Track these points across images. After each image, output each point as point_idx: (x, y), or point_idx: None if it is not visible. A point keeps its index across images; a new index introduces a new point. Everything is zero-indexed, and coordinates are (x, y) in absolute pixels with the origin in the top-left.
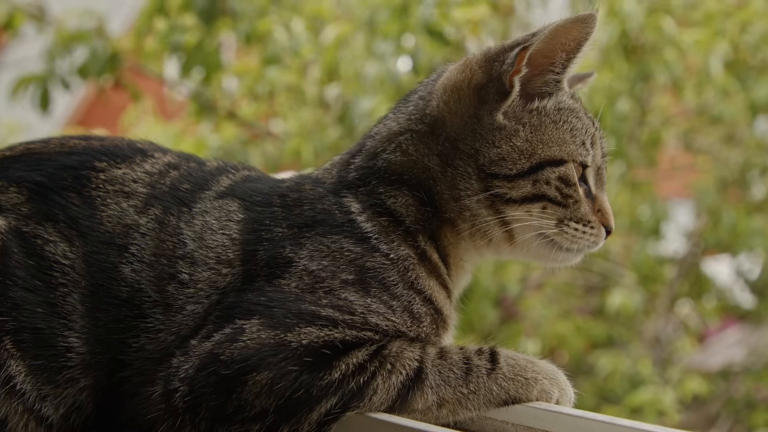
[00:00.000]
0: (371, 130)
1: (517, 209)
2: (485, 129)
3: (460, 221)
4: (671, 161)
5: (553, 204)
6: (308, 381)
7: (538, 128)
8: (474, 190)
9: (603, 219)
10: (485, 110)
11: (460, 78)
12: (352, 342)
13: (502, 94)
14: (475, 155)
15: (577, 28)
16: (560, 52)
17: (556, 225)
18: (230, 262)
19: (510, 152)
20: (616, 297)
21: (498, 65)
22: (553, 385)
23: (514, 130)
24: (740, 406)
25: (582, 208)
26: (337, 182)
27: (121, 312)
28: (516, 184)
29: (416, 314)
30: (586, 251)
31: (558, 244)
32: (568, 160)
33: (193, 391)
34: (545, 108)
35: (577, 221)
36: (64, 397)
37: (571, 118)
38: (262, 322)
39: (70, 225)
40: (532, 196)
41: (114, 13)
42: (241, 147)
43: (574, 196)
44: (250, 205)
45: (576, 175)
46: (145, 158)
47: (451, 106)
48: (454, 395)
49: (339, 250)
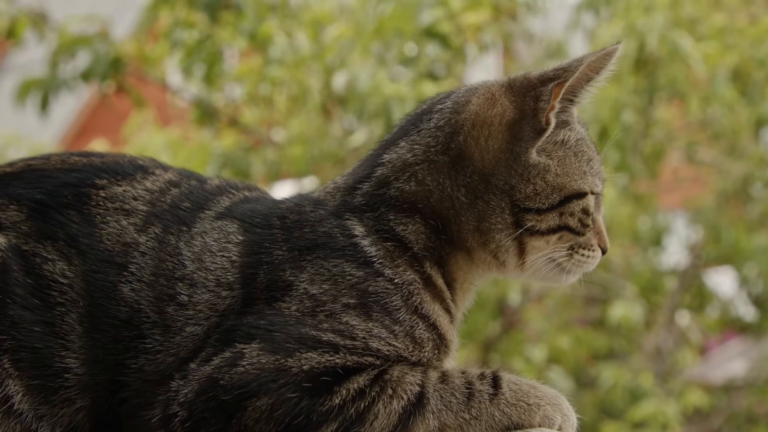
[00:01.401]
0: (381, 156)
1: (539, 240)
2: (521, 166)
3: (480, 250)
4: (673, 173)
5: (571, 233)
6: (308, 407)
7: (564, 161)
8: (506, 224)
9: (601, 241)
10: (521, 147)
11: (491, 114)
12: (353, 367)
13: (538, 131)
14: (509, 191)
15: (604, 61)
16: (584, 83)
17: (566, 251)
18: (230, 284)
19: (544, 188)
20: (617, 309)
21: (530, 101)
22: (556, 410)
23: (546, 165)
24: (742, 420)
25: (589, 234)
26: (340, 205)
27: (120, 332)
28: (545, 217)
29: (418, 339)
30: (586, 272)
31: (565, 269)
32: (588, 191)
33: (193, 416)
34: (570, 140)
35: (585, 247)
36: (60, 417)
37: (584, 148)
38: (262, 346)
39: (70, 243)
40: (557, 227)
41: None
42: (243, 154)
43: (590, 225)
44: (249, 227)
45: (593, 206)
46: (146, 175)
47: (482, 143)
48: (455, 420)
49: (341, 273)
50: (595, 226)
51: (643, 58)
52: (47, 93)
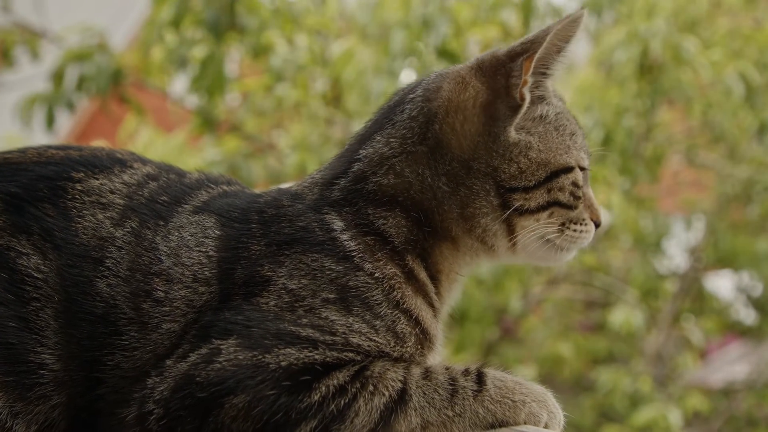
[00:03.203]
0: (357, 152)
1: (529, 218)
2: (501, 146)
3: (466, 237)
4: (674, 177)
5: (562, 208)
6: (287, 404)
7: (545, 136)
8: (493, 207)
9: (593, 214)
10: (498, 127)
11: (464, 98)
12: (333, 363)
13: (513, 108)
14: (492, 173)
15: (570, 28)
16: (554, 55)
17: (558, 228)
18: (207, 280)
19: (528, 165)
20: (618, 314)
21: (502, 79)
22: (542, 407)
23: (527, 142)
24: (742, 423)
25: (581, 208)
26: (318, 199)
27: (96, 328)
28: (532, 195)
29: (400, 334)
30: (581, 247)
31: (558, 246)
32: (575, 165)
33: (168, 413)
34: (548, 115)
35: (576, 222)
36: (35, 414)
37: (565, 122)
38: (239, 342)
39: (45, 237)
40: (546, 203)
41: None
42: (244, 160)
43: (581, 198)
44: (227, 222)
45: (582, 178)
46: (124, 169)
47: (457, 128)
48: (438, 418)
49: (320, 268)
50: (585, 199)
51: (647, 64)
52: (52, 109)
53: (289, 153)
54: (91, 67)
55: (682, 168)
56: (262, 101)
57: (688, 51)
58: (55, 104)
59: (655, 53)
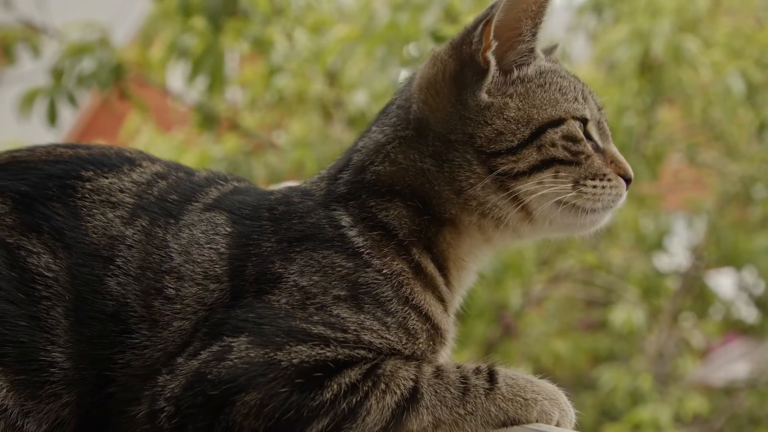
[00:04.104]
0: (356, 144)
1: (527, 181)
2: (473, 112)
3: (465, 215)
4: (674, 175)
5: (565, 165)
6: (298, 402)
7: (527, 95)
8: (478, 176)
9: (618, 169)
10: (468, 94)
11: (433, 72)
12: (345, 361)
13: (480, 73)
14: (469, 141)
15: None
16: (525, 20)
17: (572, 187)
18: (218, 277)
19: (506, 125)
20: (619, 313)
21: (467, 47)
22: (554, 405)
23: (503, 103)
24: (743, 421)
25: (595, 163)
26: (326, 195)
27: (107, 327)
28: (521, 155)
29: (412, 331)
30: (612, 207)
31: (580, 207)
32: (567, 117)
33: (180, 411)
34: (527, 75)
35: (593, 178)
36: (46, 412)
37: (556, 78)
38: (250, 339)
39: (55, 236)
40: (540, 162)
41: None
42: (244, 158)
43: (584, 151)
44: (238, 218)
45: (580, 131)
46: (133, 167)
47: (431, 103)
48: (450, 416)
49: (330, 265)
50: (606, 154)
51: (648, 63)
52: (54, 104)
53: (289, 150)
54: (92, 62)
55: (682, 166)
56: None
57: (689, 51)
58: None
59: (657, 52)
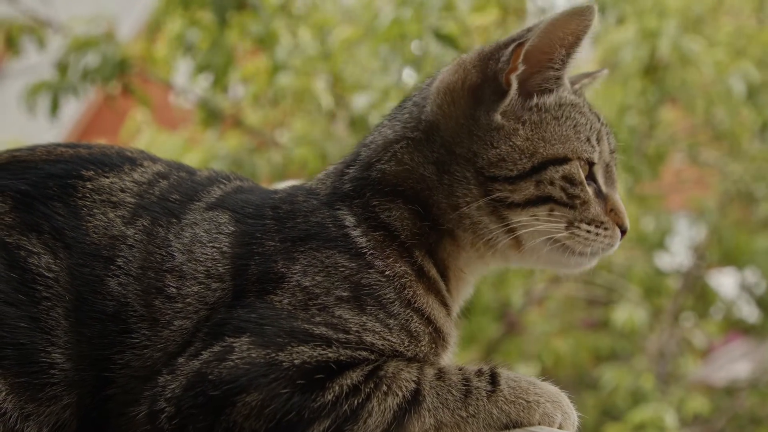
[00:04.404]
0: (366, 138)
1: (521, 214)
2: (482, 130)
3: (460, 231)
4: (676, 175)
5: (560, 206)
6: (300, 403)
7: (539, 125)
8: (473, 196)
9: (616, 219)
10: (482, 111)
11: (454, 79)
12: (347, 362)
13: (499, 93)
14: (473, 158)
15: (575, 22)
16: (559, 48)
17: (565, 228)
18: (220, 276)
19: (510, 152)
20: (621, 313)
21: (493, 64)
22: (556, 408)
23: (513, 129)
24: (745, 421)
25: (592, 209)
26: (331, 193)
27: (107, 327)
28: (518, 187)
29: (414, 333)
30: (602, 254)
31: (570, 248)
32: (573, 157)
33: (180, 412)
34: (545, 104)
35: (589, 222)
36: (47, 415)
37: (574, 114)
38: (252, 340)
39: (55, 236)
40: (536, 198)
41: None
42: (248, 155)
43: (581, 196)
44: (241, 217)
45: (582, 174)
46: (134, 167)
47: (446, 110)
48: (452, 418)
49: (333, 265)
50: (608, 201)
51: (653, 63)
52: (57, 97)
53: (293, 148)
54: (97, 56)
55: (684, 166)
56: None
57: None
58: (61, 92)
59: (664, 53)
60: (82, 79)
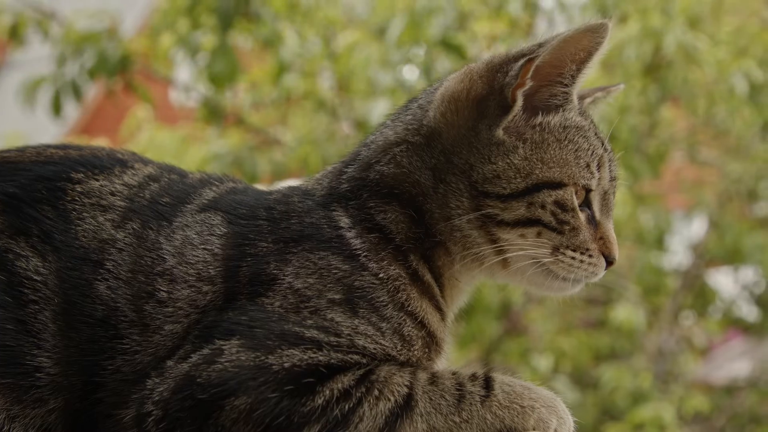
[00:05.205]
0: (367, 138)
1: (510, 233)
2: (482, 143)
3: (451, 243)
4: (676, 173)
5: (548, 230)
6: (289, 407)
7: (540, 146)
8: (465, 209)
9: (604, 248)
10: (484, 124)
11: (459, 88)
12: (338, 366)
13: (504, 108)
14: (468, 171)
15: (587, 38)
16: (570, 63)
17: (551, 253)
18: (211, 279)
19: (506, 170)
20: (619, 312)
21: (501, 77)
22: (551, 413)
23: (513, 146)
24: (745, 420)
25: (581, 236)
26: (327, 194)
27: (96, 332)
28: (509, 206)
29: (407, 337)
30: (585, 282)
31: (554, 273)
32: (569, 183)
33: (168, 415)
34: (550, 124)
35: (575, 249)
36: (32, 418)
37: (578, 138)
38: (242, 343)
39: (44, 239)
40: (526, 219)
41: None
42: (249, 153)
43: (571, 223)
44: (234, 219)
45: (576, 200)
46: (125, 169)
47: (449, 118)
48: (445, 424)
49: (326, 267)
50: (599, 229)
51: (656, 61)
52: (58, 94)
53: (295, 147)
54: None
55: (684, 165)
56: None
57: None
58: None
59: (668, 51)
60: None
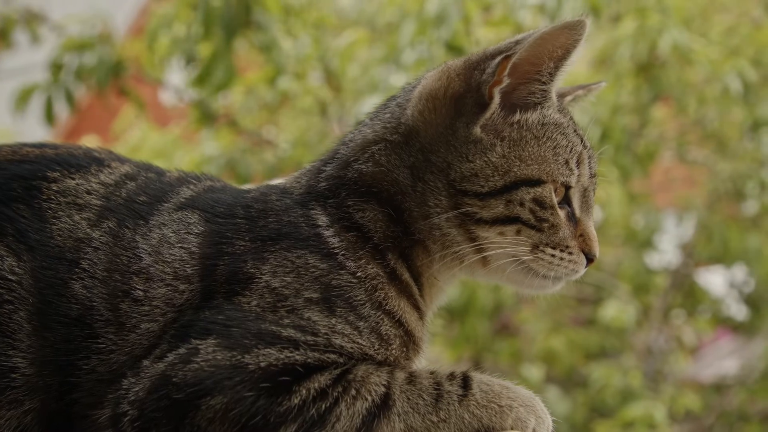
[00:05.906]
0: (346, 136)
1: (489, 231)
2: (460, 142)
3: (430, 242)
4: (665, 173)
5: (528, 227)
6: (265, 407)
7: (518, 144)
8: (443, 208)
9: (584, 245)
10: (461, 122)
11: (437, 86)
12: (315, 365)
13: (481, 105)
14: (446, 169)
15: (564, 36)
16: (547, 61)
17: (531, 251)
18: (188, 277)
19: (483, 168)
20: (609, 310)
21: (478, 74)
22: (530, 412)
23: (490, 144)
24: (734, 418)
25: (560, 233)
26: (305, 192)
27: (71, 331)
28: (487, 204)
29: (384, 336)
30: (565, 279)
31: (534, 271)
32: (547, 180)
33: (143, 415)
34: (528, 122)
35: (554, 247)
36: (7, 419)
37: (556, 135)
38: (218, 342)
39: (19, 238)
40: (504, 217)
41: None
42: (241, 155)
43: (550, 220)
44: (211, 217)
45: (555, 197)
46: (101, 168)
47: (426, 116)
48: (423, 423)
49: (304, 265)
50: (579, 225)
51: (650, 61)
52: (51, 102)
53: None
54: (92, 59)
55: (673, 164)
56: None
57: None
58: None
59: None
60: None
